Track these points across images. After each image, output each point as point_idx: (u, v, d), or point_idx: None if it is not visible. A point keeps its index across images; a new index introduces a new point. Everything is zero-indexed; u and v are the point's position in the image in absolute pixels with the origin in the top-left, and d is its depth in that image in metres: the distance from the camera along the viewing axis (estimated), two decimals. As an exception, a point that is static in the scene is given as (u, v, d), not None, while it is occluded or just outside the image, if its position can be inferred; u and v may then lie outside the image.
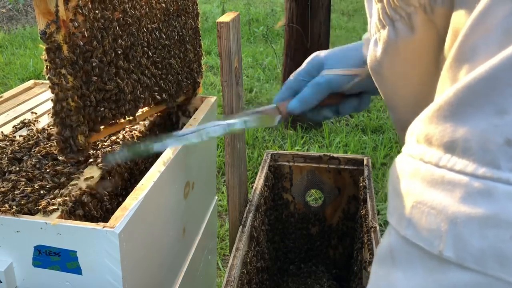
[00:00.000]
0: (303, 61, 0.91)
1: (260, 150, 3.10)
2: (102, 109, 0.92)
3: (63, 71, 0.82)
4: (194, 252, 1.20)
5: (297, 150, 3.13)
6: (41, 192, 0.84)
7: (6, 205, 0.78)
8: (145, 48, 1.04)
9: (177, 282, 1.08)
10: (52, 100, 0.84)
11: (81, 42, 0.84)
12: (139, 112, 1.08)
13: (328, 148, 3.18)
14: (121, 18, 0.94)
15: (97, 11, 0.87)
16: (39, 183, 0.87)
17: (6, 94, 1.29)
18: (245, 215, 1.18)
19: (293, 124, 3.46)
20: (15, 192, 0.83)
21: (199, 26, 1.28)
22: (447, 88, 0.37)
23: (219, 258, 2.15)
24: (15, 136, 1.05)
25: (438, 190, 0.34)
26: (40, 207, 0.79)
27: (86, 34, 0.85)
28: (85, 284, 0.77)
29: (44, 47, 0.81)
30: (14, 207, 0.78)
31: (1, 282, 0.76)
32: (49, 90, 0.84)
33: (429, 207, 0.35)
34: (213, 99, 1.31)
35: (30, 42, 5.49)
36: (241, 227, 1.14)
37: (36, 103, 1.26)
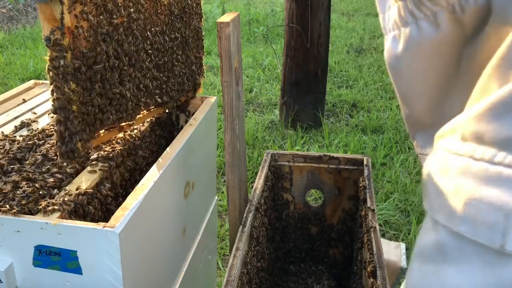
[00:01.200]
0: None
1: (260, 150, 3.10)
2: (104, 114, 0.91)
3: (66, 77, 0.81)
4: (194, 252, 1.20)
5: (297, 150, 3.13)
6: (41, 192, 0.84)
7: (7, 205, 0.78)
8: (149, 51, 1.03)
9: (177, 282, 1.08)
10: (53, 105, 0.83)
11: (85, 49, 0.83)
12: (139, 115, 1.07)
13: (328, 148, 3.18)
14: (125, 23, 0.93)
15: (101, 17, 0.86)
16: (39, 183, 0.87)
17: (6, 94, 1.29)
18: (245, 215, 1.18)
19: (293, 124, 3.46)
20: (16, 192, 0.83)
21: (202, 27, 1.27)
22: (493, 87, 0.37)
23: (219, 258, 2.15)
24: (15, 136, 1.05)
25: (495, 187, 0.35)
26: (40, 207, 0.79)
27: (90, 40, 0.84)
28: (86, 284, 0.77)
29: (48, 53, 0.80)
30: (15, 207, 0.78)
31: (2, 282, 0.76)
32: (50, 91, 0.84)
33: (486, 204, 0.35)
34: (213, 99, 1.31)
35: (31, 42, 5.49)
36: (241, 227, 1.14)
37: (36, 103, 1.26)
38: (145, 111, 1.09)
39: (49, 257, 0.75)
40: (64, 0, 0.77)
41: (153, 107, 1.12)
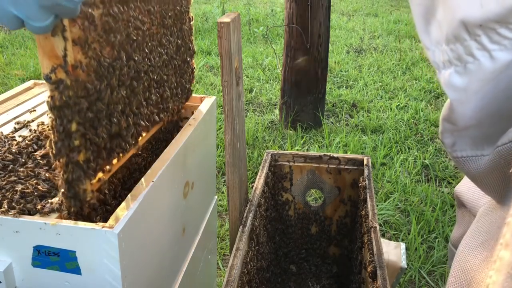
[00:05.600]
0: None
1: (260, 150, 3.09)
2: (107, 151, 0.85)
3: (69, 117, 0.73)
4: (194, 252, 1.20)
5: (297, 150, 3.13)
6: (41, 192, 0.84)
7: (6, 206, 0.78)
8: (148, 70, 0.98)
9: (177, 282, 1.08)
10: (54, 151, 0.75)
11: (90, 85, 0.75)
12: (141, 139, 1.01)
13: (328, 148, 3.18)
14: (126, 46, 0.87)
15: (104, 46, 0.79)
16: (38, 184, 0.87)
17: (6, 94, 1.29)
18: (245, 214, 1.18)
19: (293, 124, 3.46)
20: (15, 192, 0.83)
21: (192, 27, 1.22)
22: None
23: (219, 258, 2.15)
24: (14, 136, 1.05)
25: None
26: (39, 207, 0.79)
27: (92, 74, 0.76)
28: (85, 284, 0.77)
29: (49, 92, 0.71)
30: (15, 207, 0.77)
31: (1, 282, 0.76)
32: (51, 132, 0.74)
33: None
34: (212, 99, 1.31)
35: (31, 43, 5.49)
36: (241, 226, 1.13)
37: (36, 103, 1.26)
38: (144, 133, 1.03)
39: (48, 257, 0.75)
40: (68, 35, 0.68)
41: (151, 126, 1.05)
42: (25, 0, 0.54)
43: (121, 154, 0.90)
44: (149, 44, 0.97)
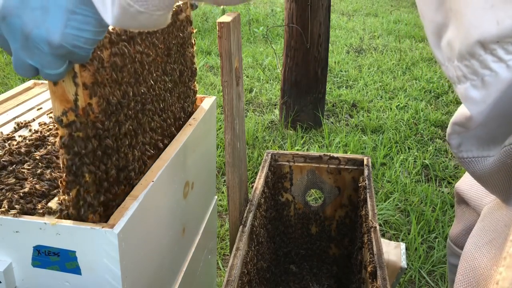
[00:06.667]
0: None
1: (260, 150, 3.09)
2: (114, 186, 0.85)
3: (82, 159, 0.75)
4: (194, 252, 1.20)
5: (297, 150, 3.13)
6: (41, 192, 0.84)
7: (6, 206, 0.78)
8: (154, 100, 0.97)
9: (177, 282, 1.08)
10: (64, 178, 0.76)
11: (99, 125, 0.77)
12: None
13: (328, 148, 3.18)
14: (133, 81, 0.87)
15: (112, 83, 0.80)
16: (38, 184, 0.87)
17: (6, 94, 1.29)
18: (245, 214, 1.18)
19: (293, 124, 3.46)
20: (15, 192, 0.83)
21: (194, 54, 1.21)
22: None
23: (219, 258, 2.15)
24: (14, 136, 1.05)
25: None
26: (39, 207, 0.79)
27: (101, 114, 0.78)
28: (85, 284, 0.77)
29: (59, 133, 0.73)
30: (15, 207, 0.77)
31: (1, 282, 0.76)
32: (63, 171, 0.76)
33: None
34: (212, 99, 1.31)
35: (30, 42, 5.48)
36: (241, 226, 1.13)
37: (36, 103, 1.26)
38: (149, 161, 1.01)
39: (48, 257, 0.75)
40: (79, 81, 0.70)
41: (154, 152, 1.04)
42: (40, 50, 0.55)
43: (127, 186, 0.89)
44: (154, 74, 0.97)
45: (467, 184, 0.99)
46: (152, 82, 0.96)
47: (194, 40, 1.20)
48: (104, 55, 0.77)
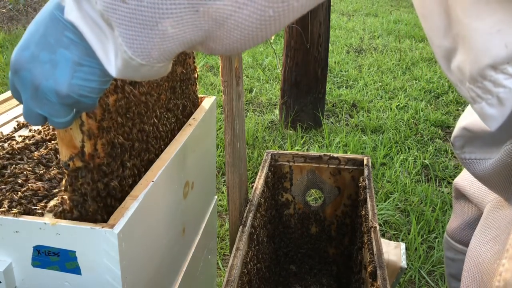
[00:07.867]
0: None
1: (260, 150, 3.09)
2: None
3: (87, 198, 0.78)
4: (194, 252, 1.20)
5: (297, 150, 3.13)
6: (41, 192, 0.84)
7: (6, 206, 0.78)
8: (157, 137, 0.99)
9: (177, 282, 1.08)
10: (69, 208, 0.78)
11: (105, 168, 0.79)
12: None
13: (328, 148, 3.18)
14: (137, 124, 0.88)
15: (117, 127, 0.82)
16: (38, 183, 0.87)
17: (6, 94, 1.29)
18: (245, 214, 1.18)
19: (293, 124, 3.46)
20: (15, 192, 0.83)
21: (197, 90, 1.22)
22: None
23: (219, 258, 2.15)
24: (14, 136, 1.05)
25: None
26: (39, 207, 0.79)
27: (105, 157, 0.80)
28: (84, 284, 0.77)
29: (65, 178, 0.77)
30: (15, 207, 0.77)
31: (1, 282, 0.76)
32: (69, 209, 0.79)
33: None
34: (212, 99, 1.31)
35: (30, 42, 5.48)
36: (241, 226, 1.13)
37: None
38: None
39: (48, 257, 0.75)
40: (85, 129, 0.73)
41: None
42: (49, 100, 0.57)
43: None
44: (157, 112, 0.99)
45: (466, 180, 0.99)
46: (156, 120, 0.98)
47: (198, 74, 1.22)
48: (110, 101, 0.79)
